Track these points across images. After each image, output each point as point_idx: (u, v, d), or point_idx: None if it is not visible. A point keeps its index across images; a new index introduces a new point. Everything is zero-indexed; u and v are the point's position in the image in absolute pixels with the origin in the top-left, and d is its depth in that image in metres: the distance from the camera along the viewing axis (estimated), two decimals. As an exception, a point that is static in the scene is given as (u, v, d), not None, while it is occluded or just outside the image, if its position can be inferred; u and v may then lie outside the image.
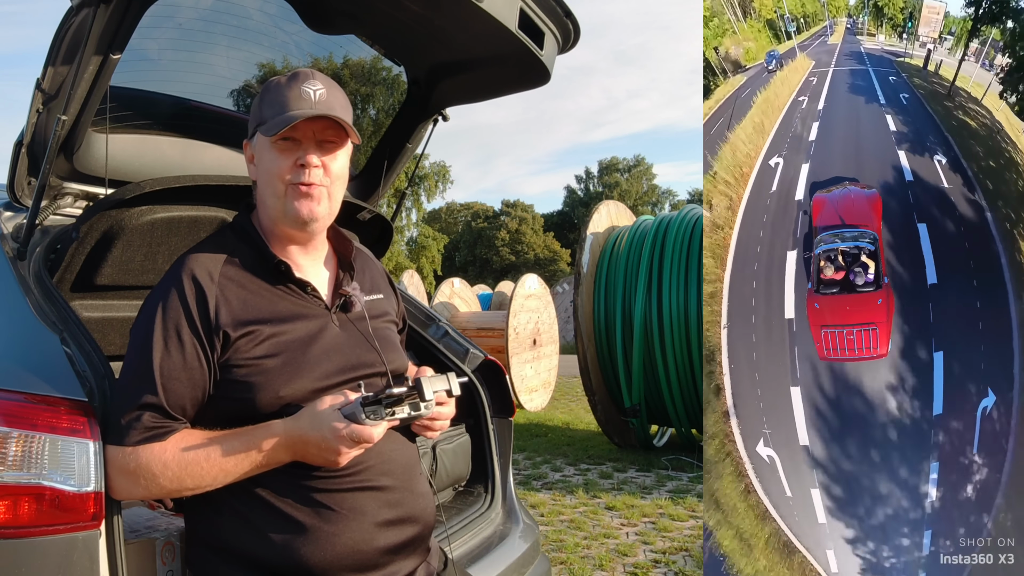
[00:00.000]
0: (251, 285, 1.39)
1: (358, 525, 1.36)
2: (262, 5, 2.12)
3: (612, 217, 7.95)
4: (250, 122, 1.45)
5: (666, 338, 6.74)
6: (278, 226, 1.43)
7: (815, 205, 3.55)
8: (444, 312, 10.91)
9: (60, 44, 1.57)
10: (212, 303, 1.33)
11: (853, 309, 3.02)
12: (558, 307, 15.55)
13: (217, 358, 1.32)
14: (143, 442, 1.29)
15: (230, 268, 1.39)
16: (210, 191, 1.84)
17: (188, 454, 1.28)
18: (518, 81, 2.19)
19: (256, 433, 1.30)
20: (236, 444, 1.29)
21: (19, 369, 1.42)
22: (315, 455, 1.30)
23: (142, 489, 1.31)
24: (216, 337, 1.32)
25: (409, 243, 47.48)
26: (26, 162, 1.69)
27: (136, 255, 1.88)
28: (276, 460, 1.31)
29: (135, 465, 1.29)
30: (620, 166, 55.13)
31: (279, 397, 1.33)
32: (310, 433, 1.28)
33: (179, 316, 1.32)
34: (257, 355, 1.33)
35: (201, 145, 2.13)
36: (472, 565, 2.13)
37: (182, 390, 1.31)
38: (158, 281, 1.41)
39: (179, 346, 1.30)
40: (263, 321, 1.35)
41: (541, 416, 9.54)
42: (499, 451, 2.56)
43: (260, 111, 1.41)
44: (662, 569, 3.98)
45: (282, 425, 1.30)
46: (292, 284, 1.42)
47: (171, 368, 1.30)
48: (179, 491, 1.31)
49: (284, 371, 1.34)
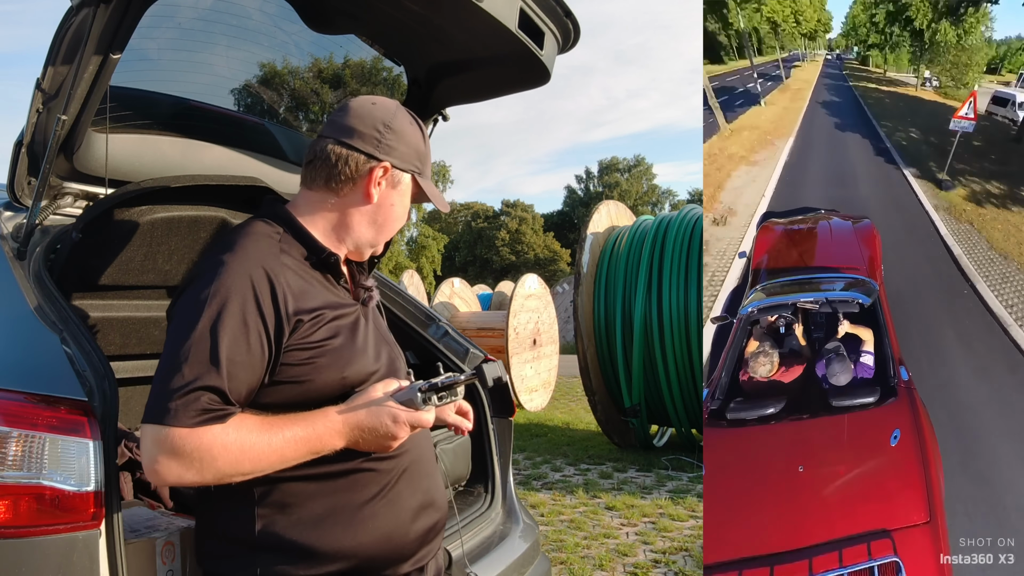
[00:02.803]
0: (304, 274, 1.40)
1: (398, 511, 1.40)
2: (262, 5, 2.12)
3: (612, 217, 7.95)
4: (402, 151, 1.45)
5: (666, 338, 6.74)
6: (357, 246, 1.49)
7: (759, 240, 2.73)
8: (444, 312, 10.91)
9: (60, 44, 1.58)
10: (280, 290, 1.32)
11: (827, 454, 1.91)
12: (558, 307, 15.55)
13: (284, 343, 1.32)
14: (202, 424, 1.24)
15: (286, 257, 1.39)
16: (210, 191, 1.84)
17: (249, 437, 1.26)
18: (518, 81, 2.19)
19: (314, 419, 1.31)
20: (295, 429, 1.29)
21: (19, 369, 1.43)
22: (370, 441, 1.33)
23: (194, 472, 1.25)
24: (286, 323, 1.32)
25: (409, 243, 47.49)
26: (26, 162, 1.69)
27: (136, 255, 1.88)
28: (331, 446, 1.32)
29: (192, 447, 1.23)
30: (620, 166, 55.11)
31: (343, 377, 1.36)
32: (367, 420, 1.32)
33: (247, 302, 1.29)
34: (320, 338, 1.35)
35: (201, 145, 2.13)
36: (472, 565, 2.13)
37: (244, 377, 1.28)
38: (199, 272, 1.35)
39: (246, 332, 1.28)
40: (322, 307, 1.38)
41: (541, 416, 9.54)
42: (499, 451, 2.56)
43: (425, 157, 1.49)
44: (662, 569, 3.98)
45: (338, 412, 1.32)
46: (332, 276, 1.46)
47: (238, 353, 1.27)
48: (233, 475, 1.27)
49: (345, 352, 1.38)
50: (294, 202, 1.48)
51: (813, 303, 2.03)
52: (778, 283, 2.20)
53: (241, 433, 1.26)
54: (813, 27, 7.12)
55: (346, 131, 1.43)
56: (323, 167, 1.43)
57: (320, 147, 1.44)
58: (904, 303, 2.82)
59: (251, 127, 2.36)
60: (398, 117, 1.46)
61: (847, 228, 2.61)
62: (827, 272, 2.21)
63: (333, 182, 1.43)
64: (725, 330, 2.30)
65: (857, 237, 2.50)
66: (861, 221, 2.66)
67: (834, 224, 2.65)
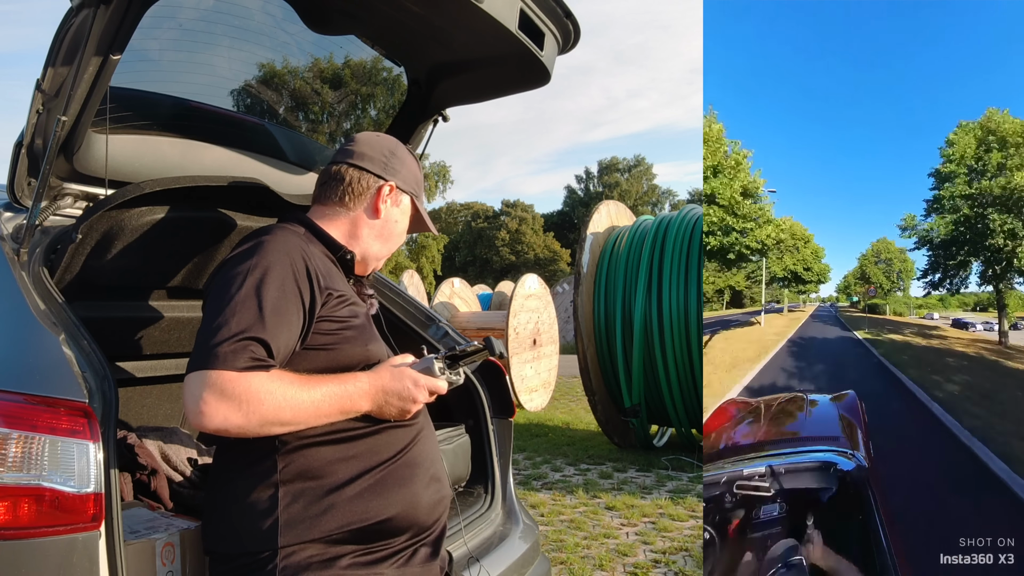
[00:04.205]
0: (326, 263, 1.57)
1: (413, 474, 1.52)
2: (262, 5, 2.12)
3: (612, 217, 7.95)
4: (404, 174, 1.68)
5: (666, 338, 6.74)
6: (358, 257, 1.66)
7: (713, 417, 2.44)
8: (444, 312, 10.91)
9: (60, 44, 1.57)
10: (313, 269, 1.47)
11: None
12: (558, 307, 15.55)
13: (317, 313, 1.46)
14: (251, 369, 1.33)
15: (312, 247, 1.55)
16: (210, 191, 1.84)
17: (290, 388, 1.36)
18: (518, 81, 2.19)
19: (347, 379, 1.44)
20: (330, 386, 1.42)
21: (19, 370, 1.43)
22: (393, 403, 1.47)
23: (241, 415, 1.32)
24: (319, 294, 1.47)
25: (409, 243, 47.46)
26: (26, 162, 1.69)
27: (136, 256, 1.88)
28: (357, 408, 1.45)
29: (242, 389, 1.31)
30: (620, 166, 55.10)
31: (367, 350, 1.53)
32: (391, 383, 1.47)
33: (288, 274, 1.43)
34: (345, 315, 1.52)
35: (201, 145, 2.13)
36: (472, 565, 2.13)
37: (284, 336, 1.39)
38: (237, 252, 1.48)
39: (285, 298, 1.41)
40: (343, 291, 1.55)
41: (541, 416, 9.54)
42: (499, 451, 2.56)
43: (421, 183, 1.72)
44: (662, 569, 3.98)
45: (367, 376, 1.47)
46: (345, 274, 1.64)
47: (280, 315, 1.39)
48: (274, 424, 1.35)
49: (365, 330, 1.55)
50: (314, 213, 1.66)
51: (759, 479, 1.56)
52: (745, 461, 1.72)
53: (284, 383, 1.36)
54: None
55: (357, 156, 1.66)
56: (337, 186, 1.64)
57: (334, 170, 1.65)
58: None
59: (251, 128, 2.36)
60: (400, 147, 1.71)
61: (826, 402, 2.22)
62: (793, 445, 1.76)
63: (346, 197, 1.64)
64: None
65: (838, 410, 2.10)
66: (844, 395, 2.24)
67: (811, 399, 2.25)
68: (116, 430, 1.45)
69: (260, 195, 1.91)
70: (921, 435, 3.77)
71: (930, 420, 4.16)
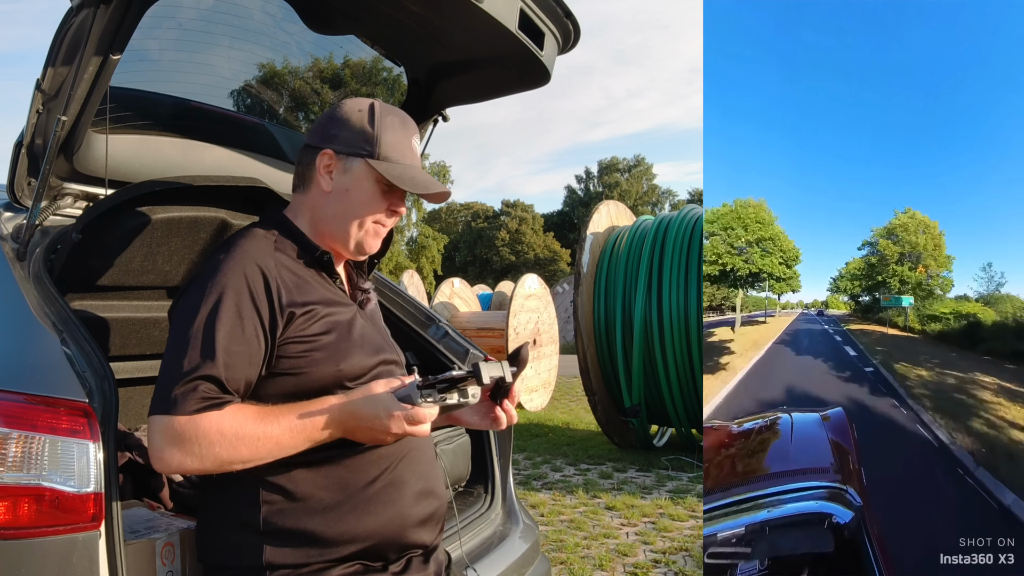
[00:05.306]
0: (299, 271, 1.45)
1: (400, 495, 1.43)
2: (262, 5, 2.12)
3: (612, 217, 7.95)
4: (345, 136, 1.45)
5: (666, 338, 6.74)
6: (334, 243, 1.50)
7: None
8: (444, 312, 10.91)
9: (60, 44, 1.57)
10: (274, 284, 1.37)
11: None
12: (558, 307, 15.55)
13: (279, 336, 1.37)
14: (201, 411, 1.28)
15: (280, 255, 1.44)
16: (210, 191, 1.84)
17: (246, 424, 1.30)
18: (518, 81, 2.19)
19: (311, 407, 1.33)
20: (292, 417, 1.32)
21: (19, 369, 1.42)
22: (366, 432, 1.34)
23: (195, 459, 1.29)
24: (280, 316, 1.36)
25: (409, 243, 47.48)
26: (26, 162, 1.69)
27: (136, 255, 1.88)
28: (327, 436, 1.34)
29: (192, 433, 1.27)
30: (620, 166, 55.09)
31: (338, 370, 1.39)
32: (364, 410, 1.33)
33: (242, 295, 1.34)
34: (315, 332, 1.39)
35: (201, 145, 2.13)
36: (472, 565, 2.13)
37: (242, 366, 1.33)
38: (197, 273, 1.41)
39: (241, 324, 1.33)
40: (317, 303, 1.42)
41: (541, 416, 9.53)
42: (499, 451, 2.56)
43: (374, 139, 1.44)
44: (662, 569, 3.98)
45: (336, 401, 1.34)
46: (326, 275, 1.50)
47: (234, 344, 1.32)
48: (232, 462, 1.30)
49: (340, 346, 1.41)
50: (288, 208, 1.55)
51: (736, 544, 1.32)
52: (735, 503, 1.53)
53: (238, 420, 1.30)
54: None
55: (307, 135, 1.53)
56: (295, 171, 1.52)
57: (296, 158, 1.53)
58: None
59: (251, 127, 2.36)
60: (344, 106, 1.49)
61: (811, 421, 1.96)
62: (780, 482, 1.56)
63: (299, 182, 1.51)
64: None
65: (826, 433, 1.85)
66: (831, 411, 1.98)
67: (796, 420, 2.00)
68: (116, 430, 1.45)
69: (260, 195, 1.91)
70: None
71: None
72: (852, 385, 5.02)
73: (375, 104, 1.48)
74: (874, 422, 3.44)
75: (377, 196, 1.46)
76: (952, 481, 3.17)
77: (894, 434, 3.56)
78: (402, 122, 1.49)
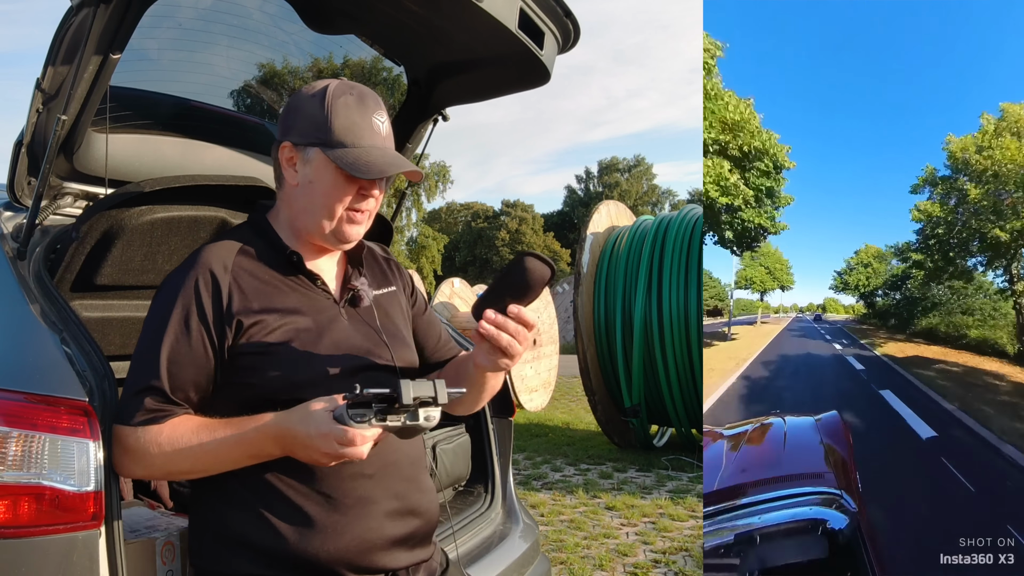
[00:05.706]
0: (264, 275, 1.40)
1: (367, 515, 1.36)
2: (262, 5, 2.12)
3: (612, 217, 7.95)
4: (300, 125, 1.39)
5: (666, 338, 6.74)
6: (313, 237, 1.44)
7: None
8: (444, 312, 10.91)
9: (60, 44, 1.57)
10: (225, 291, 1.34)
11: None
12: (558, 307, 15.55)
13: (228, 345, 1.33)
14: (144, 423, 1.31)
15: (244, 259, 1.40)
16: (210, 191, 1.84)
17: (181, 439, 1.30)
18: (518, 81, 2.19)
19: (247, 423, 1.29)
20: (227, 432, 1.30)
21: (19, 369, 1.42)
22: (301, 452, 1.27)
23: (141, 468, 1.35)
24: (228, 325, 1.33)
25: (409, 243, 47.47)
26: (26, 162, 1.69)
27: (136, 255, 1.88)
28: (266, 453, 1.30)
29: (133, 443, 1.32)
30: (620, 166, 55.08)
31: (292, 384, 1.33)
32: (297, 428, 1.25)
33: (190, 304, 1.33)
34: (269, 342, 1.34)
35: (201, 145, 2.13)
36: (472, 565, 2.13)
37: (186, 376, 1.33)
38: (163, 277, 1.42)
39: (187, 333, 1.32)
40: (275, 310, 1.37)
41: (541, 416, 9.53)
42: (499, 451, 2.56)
43: (325, 125, 1.36)
44: (662, 569, 3.98)
45: (273, 417, 1.28)
46: (303, 276, 1.43)
47: (177, 354, 1.32)
48: (173, 474, 1.35)
49: (295, 358, 1.35)
50: (272, 208, 1.51)
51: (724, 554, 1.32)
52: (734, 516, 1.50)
53: (178, 433, 1.31)
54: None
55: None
56: (273, 168, 1.48)
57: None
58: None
59: (251, 127, 2.36)
60: (299, 94, 1.43)
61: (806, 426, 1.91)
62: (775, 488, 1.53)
63: (276, 178, 1.47)
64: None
65: (820, 437, 1.80)
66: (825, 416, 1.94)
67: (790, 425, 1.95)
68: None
69: (260, 194, 1.92)
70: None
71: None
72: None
73: (329, 86, 1.38)
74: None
75: (341, 183, 1.37)
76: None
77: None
78: (358, 100, 1.38)
